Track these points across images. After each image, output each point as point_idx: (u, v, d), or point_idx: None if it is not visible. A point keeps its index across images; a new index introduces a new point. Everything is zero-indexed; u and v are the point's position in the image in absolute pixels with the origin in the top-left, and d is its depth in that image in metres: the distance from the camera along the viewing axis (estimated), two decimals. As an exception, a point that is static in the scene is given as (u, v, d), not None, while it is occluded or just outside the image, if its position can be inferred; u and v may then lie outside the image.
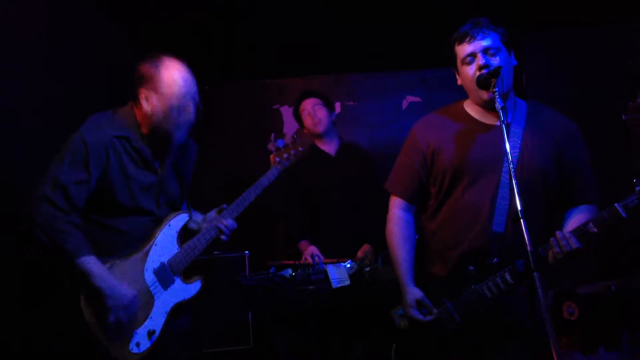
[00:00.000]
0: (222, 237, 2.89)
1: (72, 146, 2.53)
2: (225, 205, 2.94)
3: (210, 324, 4.18)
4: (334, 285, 3.43)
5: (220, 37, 4.81)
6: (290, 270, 3.57)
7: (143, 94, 2.61)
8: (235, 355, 4.27)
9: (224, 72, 5.40)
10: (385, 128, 5.58)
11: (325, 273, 3.47)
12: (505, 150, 2.18)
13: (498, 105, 2.21)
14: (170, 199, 2.81)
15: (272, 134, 5.48)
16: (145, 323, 2.65)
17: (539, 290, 2.01)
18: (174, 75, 2.61)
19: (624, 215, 2.19)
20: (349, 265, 3.55)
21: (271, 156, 3.17)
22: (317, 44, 4.97)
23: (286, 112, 5.62)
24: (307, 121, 4.25)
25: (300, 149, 3.25)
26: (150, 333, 2.65)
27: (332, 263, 3.60)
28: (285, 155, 3.17)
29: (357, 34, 4.90)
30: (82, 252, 2.48)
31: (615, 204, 2.22)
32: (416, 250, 2.65)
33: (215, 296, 3.96)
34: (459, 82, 2.56)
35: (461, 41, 2.46)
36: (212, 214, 2.99)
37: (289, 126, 5.57)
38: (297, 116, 4.32)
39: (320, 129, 4.22)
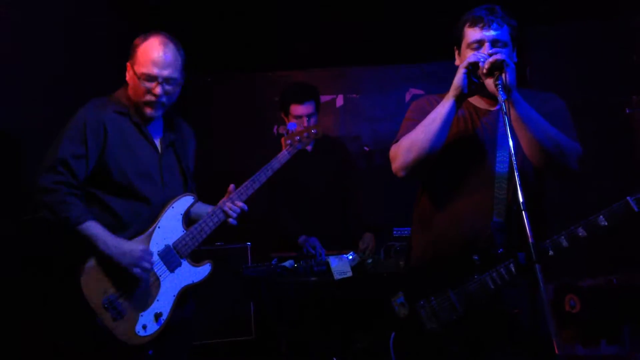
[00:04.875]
0: (230, 220, 2.79)
1: (70, 125, 2.59)
2: (232, 187, 2.85)
3: (212, 315, 4.18)
4: (336, 276, 3.43)
5: (223, 29, 4.81)
6: (292, 262, 3.58)
7: (127, 67, 2.68)
8: (237, 346, 4.27)
9: (227, 65, 5.40)
10: (388, 121, 5.56)
11: (328, 265, 3.48)
12: (508, 143, 2.16)
13: (501, 98, 2.20)
14: (173, 179, 2.79)
15: (275, 126, 5.47)
16: (152, 305, 2.62)
17: (541, 283, 2.00)
18: (149, 49, 2.62)
19: (636, 209, 2.16)
20: (351, 257, 3.56)
21: (282, 139, 3.11)
22: (320, 36, 4.96)
23: (288, 104, 5.61)
24: (297, 126, 4.14)
25: (313, 131, 3.19)
26: (158, 315, 2.62)
27: (334, 255, 3.61)
28: (297, 138, 3.11)
29: (359, 27, 4.89)
30: (85, 217, 2.51)
31: (628, 197, 2.18)
32: (418, 229, 2.63)
33: (217, 287, 3.96)
34: (457, 62, 2.54)
35: (473, 25, 2.45)
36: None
37: (291, 119, 5.56)
38: (286, 108, 4.09)
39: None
